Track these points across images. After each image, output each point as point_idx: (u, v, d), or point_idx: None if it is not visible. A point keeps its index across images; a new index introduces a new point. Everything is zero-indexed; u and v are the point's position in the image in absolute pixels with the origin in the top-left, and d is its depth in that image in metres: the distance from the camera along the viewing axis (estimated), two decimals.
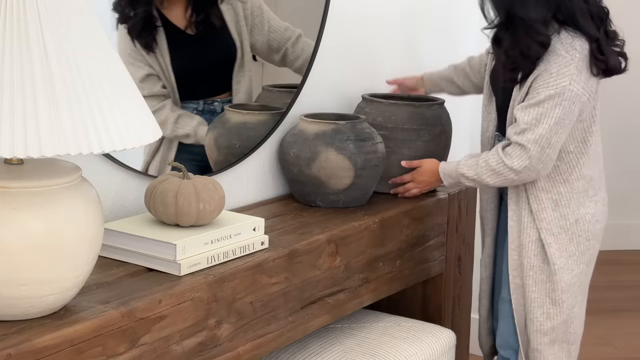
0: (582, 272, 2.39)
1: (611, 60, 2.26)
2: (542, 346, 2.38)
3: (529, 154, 2.24)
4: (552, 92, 2.21)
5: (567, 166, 2.33)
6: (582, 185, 2.35)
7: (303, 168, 2.35)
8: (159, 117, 2.13)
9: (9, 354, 1.42)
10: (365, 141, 2.37)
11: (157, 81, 2.12)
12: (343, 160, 2.33)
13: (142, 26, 2.07)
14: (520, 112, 2.26)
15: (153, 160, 2.15)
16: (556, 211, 2.34)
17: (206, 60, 2.27)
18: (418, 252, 2.51)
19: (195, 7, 2.18)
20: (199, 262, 1.85)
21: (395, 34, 2.93)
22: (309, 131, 2.37)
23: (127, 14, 2.04)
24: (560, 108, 2.22)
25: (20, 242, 1.46)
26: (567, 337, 2.41)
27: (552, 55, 2.22)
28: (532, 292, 2.36)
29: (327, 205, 2.38)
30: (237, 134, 2.34)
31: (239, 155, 2.35)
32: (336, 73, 2.67)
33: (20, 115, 1.36)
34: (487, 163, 2.31)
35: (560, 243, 2.34)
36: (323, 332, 2.40)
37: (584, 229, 2.36)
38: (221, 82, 2.32)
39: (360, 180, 2.36)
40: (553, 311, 2.36)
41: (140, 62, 2.08)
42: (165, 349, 1.71)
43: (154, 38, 2.10)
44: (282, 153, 2.42)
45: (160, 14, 2.12)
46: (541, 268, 2.35)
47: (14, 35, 1.38)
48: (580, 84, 2.22)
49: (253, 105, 2.40)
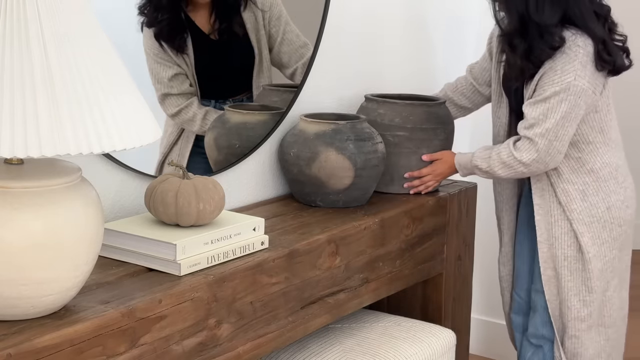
0: (615, 257, 2.45)
1: (618, 60, 2.32)
2: (580, 332, 2.44)
3: (537, 147, 2.32)
4: (557, 89, 2.28)
5: (590, 156, 2.40)
6: (609, 172, 2.41)
7: (303, 168, 2.35)
8: (187, 113, 2.21)
9: (9, 354, 1.42)
10: (365, 141, 2.37)
11: (185, 79, 2.19)
12: (343, 160, 2.33)
13: (169, 30, 2.14)
14: (528, 108, 2.34)
15: (171, 152, 2.21)
16: (585, 201, 2.40)
17: (226, 65, 2.33)
18: (418, 252, 2.51)
19: (219, 14, 2.25)
20: (199, 262, 1.85)
21: (396, 33, 2.93)
22: (309, 131, 2.37)
23: (154, 18, 2.10)
24: (567, 103, 2.28)
25: (21, 242, 1.46)
26: (602, 320, 2.47)
27: (557, 53, 2.28)
28: (567, 282, 2.43)
29: (327, 205, 2.38)
30: (237, 134, 2.35)
31: (239, 155, 2.36)
32: (336, 73, 2.67)
33: (20, 115, 1.36)
34: (499, 156, 2.40)
35: (593, 231, 2.41)
36: (323, 332, 2.40)
37: (616, 215, 2.42)
38: (240, 86, 2.37)
39: (360, 180, 2.37)
40: (589, 298, 2.42)
41: (168, 62, 2.15)
42: (165, 349, 1.71)
43: (184, 41, 2.17)
44: (282, 153, 2.42)
45: (187, 17, 2.20)
46: (576, 257, 2.42)
47: (14, 35, 1.38)
48: (585, 79, 2.28)
49: (253, 105, 2.40)
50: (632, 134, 4.77)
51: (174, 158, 2.19)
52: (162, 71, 2.14)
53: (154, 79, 2.14)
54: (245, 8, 2.30)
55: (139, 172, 2.10)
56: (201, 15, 2.22)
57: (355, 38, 2.74)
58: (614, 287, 2.47)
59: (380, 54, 2.86)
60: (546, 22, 2.26)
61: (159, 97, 2.16)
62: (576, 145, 2.39)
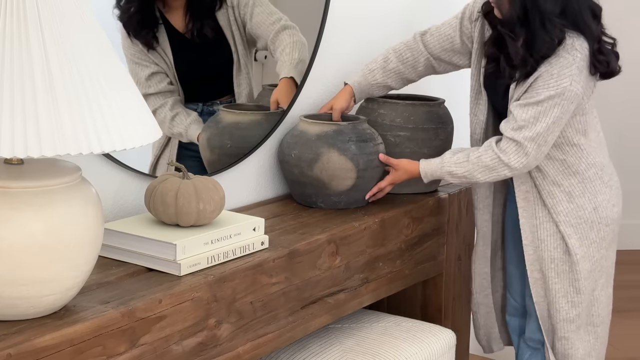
0: (603, 257, 2.43)
1: (612, 63, 2.27)
2: (570, 333, 2.42)
3: (526, 151, 2.25)
4: (552, 93, 2.22)
5: (574, 158, 2.36)
6: (594, 173, 2.38)
7: (305, 169, 2.35)
8: (159, 115, 2.18)
9: (9, 354, 1.42)
10: (367, 142, 2.37)
11: (164, 78, 2.17)
12: (345, 162, 2.33)
13: (137, 22, 2.11)
14: (518, 109, 2.26)
15: (162, 156, 2.19)
16: (572, 203, 2.37)
17: (205, 65, 2.31)
18: (418, 252, 2.51)
19: (193, 14, 2.23)
20: (199, 262, 1.85)
21: (395, 33, 2.93)
22: (310, 132, 2.37)
23: (126, 10, 2.07)
24: (559, 107, 2.23)
25: (21, 242, 1.46)
26: (591, 320, 2.45)
27: (553, 57, 2.23)
28: (555, 284, 2.40)
29: (328, 207, 2.37)
30: (229, 134, 2.34)
31: (231, 155, 2.34)
32: (336, 73, 2.67)
33: (20, 115, 1.36)
34: (480, 159, 2.31)
35: (581, 233, 2.38)
36: (323, 332, 2.40)
37: (603, 215, 2.40)
38: (222, 85, 2.35)
39: (362, 182, 2.36)
40: (577, 299, 2.40)
41: (145, 62, 2.14)
42: (165, 349, 1.71)
43: (153, 36, 2.14)
44: (282, 154, 2.42)
45: (162, 16, 2.17)
46: (562, 259, 2.39)
47: (14, 35, 1.38)
48: (580, 84, 2.23)
49: (247, 105, 2.39)
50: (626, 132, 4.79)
51: (163, 165, 2.18)
52: (140, 71, 2.13)
53: (135, 79, 2.13)
54: (220, 7, 2.28)
55: (138, 172, 2.10)
56: (176, 15, 2.20)
57: (355, 39, 2.73)
58: (601, 286, 2.45)
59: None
60: (548, 9, 2.19)
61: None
62: (560, 147, 2.34)
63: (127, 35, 2.09)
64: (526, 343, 2.56)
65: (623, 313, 3.99)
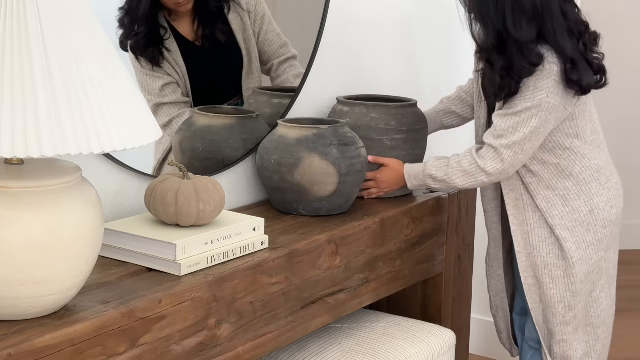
0: (601, 258, 2.42)
1: (584, 80, 2.26)
2: (567, 335, 2.42)
3: (502, 157, 2.30)
4: (529, 105, 2.26)
5: (568, 161, 2.37)
6: (590, 175, 2.38)
7: (285, 175, 2.26)
8: (175, 125, 2.21)
9: (9, 354, 1.42)
10: (349, 146, 2.30)
11: (176, 88, 2.18)
12: (327, 166, 2.25)
13: (146, 43, 2.12)
14: (498, 119, 2.31)
15: (165, 160, 2.20)
16: (566, 206, 2.37)
17: (216, 70, 2.31)
18: (418, 252, 2.51)
19: (202, 20, 2.23)
20: (199, 262, 1.85)
21: (393, 36, 2.93)
22: (289, 137, 2.27)
23: (131, 31, 2.07)
24: (537, 118, 2.26)
25: (21, 242, 1.46)
26: (589, 320, 2.45)
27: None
28: (550, 289, 2.40)
29: (310, 214, 2.29)
30: (200, 138, 2.28)
31: (202, 159, 2.29)
32: (334, 76, 2.67)
33: (20, 115, 1.36)
34: (459, 164, 2.36)
35: (577, 236, 2.38)
36: (323, 332, 2.40)
37: (600, 217, 2.39)
38: (231, 89, 2.35)
39: (344, 187, 2.29)
40: (574, 302, 2.40)
41: (157, 74, 2.14)
42: (166, 349, 1.71)
43: (160, 51, 2.15)
44: (261, 160, 2.31)
45: (170, 26, 2.18)
46: (556, 264, 2.39)
47: (14, 35, 1.38)
48: (558, 95, 2.26)
49: (224, 109, 2.35)
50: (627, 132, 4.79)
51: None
52: (152, 82, 2.13)
53: (144, 91, 2.12)
54: (229, 10, 2.28)
55: (139, 172, 2.10)
56: (184, 24, 2.20)
57: (355, 39, 2.73)
58: (601, 287, 2.45)
59: (380, 56, 2.86)
60: (525, 38, 2.22)
61: (151, 107, 2.13)
62: (553, 151, 2.35)
63: (135, 58, 2.09)
64: (527, 343, 2.57)
65: (623, 313, 3.99)
